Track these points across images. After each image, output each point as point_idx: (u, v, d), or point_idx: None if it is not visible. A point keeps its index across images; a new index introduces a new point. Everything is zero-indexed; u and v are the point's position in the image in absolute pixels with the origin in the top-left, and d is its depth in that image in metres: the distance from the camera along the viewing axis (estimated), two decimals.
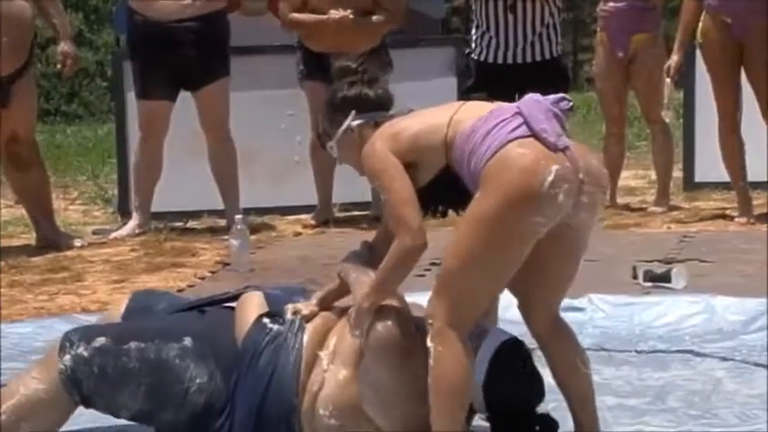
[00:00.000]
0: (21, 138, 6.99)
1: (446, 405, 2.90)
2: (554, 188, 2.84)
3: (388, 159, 3.03)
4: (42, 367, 3.20)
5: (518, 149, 2.88)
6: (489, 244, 2.86)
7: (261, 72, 7.79)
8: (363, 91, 3.29)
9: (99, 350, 3.11)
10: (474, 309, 2.95)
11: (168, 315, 3.38)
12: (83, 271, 6.31)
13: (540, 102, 3.02)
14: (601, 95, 7.87)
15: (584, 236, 3.06)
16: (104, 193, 8.92)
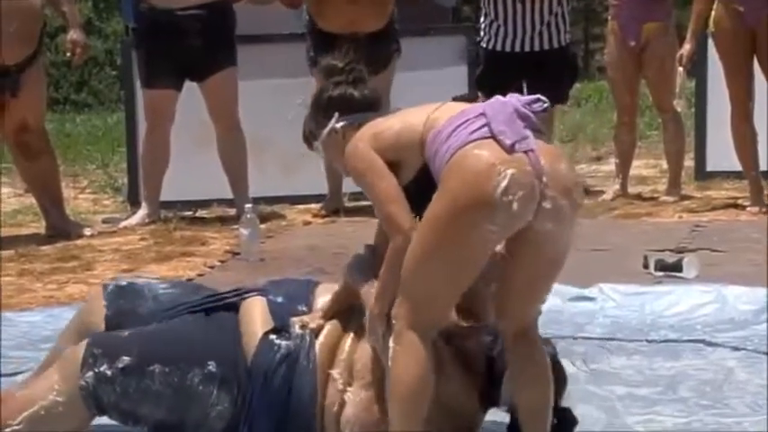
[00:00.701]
0: (30, 126, 7.00)
1: (401, 407, 2.84)
2: (507, 194, 2.72)
3: (372, 158, 3.01)
4: (62, 377, 3.12)
5: (475, 151, 2.78)
6: (441, 247, 2.78)
7: (269, 61, 7.79)
8: (348, 91, 3.24)
9: (123, 370, 3.06)
10: (433, 311, 2.87)
11: (175, 320, 3.29)
12: (92, 260, 6.32)
13: (507, 103, 2.89)
14: (612, 84, 7.86)
15: (556, 248, 2.85)
16: (114, 182, 8.93)
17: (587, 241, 6.14)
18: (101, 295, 3.44)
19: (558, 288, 4.90)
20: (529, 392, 2.95)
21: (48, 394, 3.07)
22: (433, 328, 2.88)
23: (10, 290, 5.70)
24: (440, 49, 8.11)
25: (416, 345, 2.82)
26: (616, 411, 3.61)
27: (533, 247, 2.82)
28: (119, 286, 3.45)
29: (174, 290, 3.45)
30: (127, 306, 3.37)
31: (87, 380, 3.07)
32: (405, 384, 2.83)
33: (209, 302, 3.32)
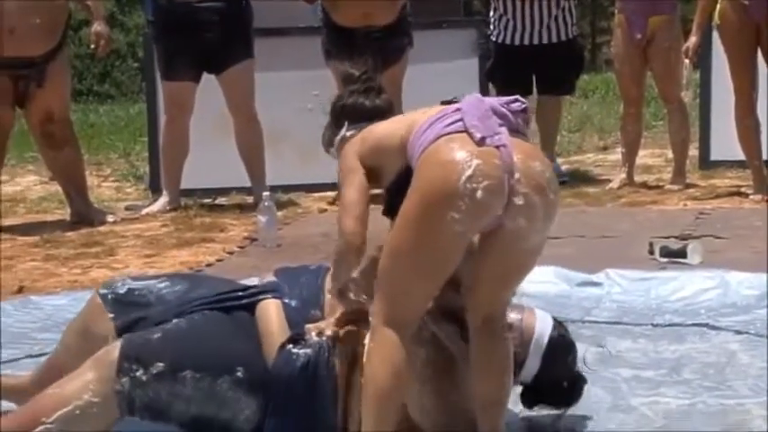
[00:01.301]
0: (55, 117, 7.02)
1: (372, 403, 2.79)
2: (472, 183, 2.66)
3: (350, 165, 3.02)
4: (97, 380, 3.05)
5: (445, 144, 2.74)
6: (411, 242, 2.74)
7: (286, 53, 7.79)
8: (359, 101, 3.22)
9: (156, 376, 3.03)
10: (409, 307, 2.80)
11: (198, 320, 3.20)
12: (115, 245, 6.33)
13: (483, 101, 2.85)
14: (619, 76, 7.84)
15: (528, 244, 2.78)
16: (136, 170, 8.95)
17: (594, 228, 6.16)
18: (101, 305, 3.33)
19: (565, 273, 4.97)
20: (487, 385, 2.88)
21: (83, 395, 3.02)
22: (408, 325, 2.80)
23: (36, 274, 5.72)
24: (451, 42, 8.10)
25: (390, 342, 2.76)
26: (622, 393, 3.61)
27: (504, 242, 2.75)
28: (117, 294, 3.34)
29: (175, 287, 3.36)
30: (134, 313, 3.29)
31: (123, 384, 3.03)
32: (376, 381, 2.77)
33: (225, 300, 3.25)
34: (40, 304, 4.90)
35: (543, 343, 3.19)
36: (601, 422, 3.37)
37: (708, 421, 3.32)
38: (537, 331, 3.20)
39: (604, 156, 9.13)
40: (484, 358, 2.87)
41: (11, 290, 5.36)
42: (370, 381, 2.78)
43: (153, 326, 3.20)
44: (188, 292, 3.31)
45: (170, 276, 3.47)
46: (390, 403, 2.78)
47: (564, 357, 3.26)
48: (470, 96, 2.89)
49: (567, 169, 8.28)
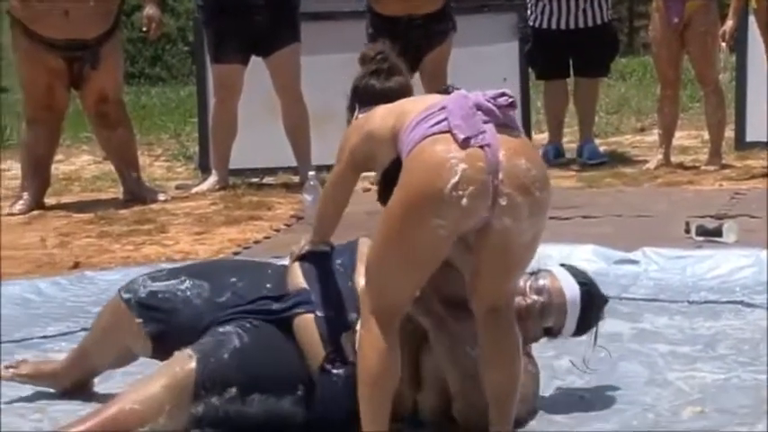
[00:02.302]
0: (109, 98, 7.05)
1: (365, 388, 2.75)
2: (457, 190, 2.59)
3: (343, 154, 3.01)
4: (174, 404, 2.96)
5: (430, 146, 2.65)
6: (394, 239, 2.69)
7: (332, 37, 7.78)
8: (370, 83, 3.17)
9: (228, 400, 2.99)
10: (395, 298, 2.75)
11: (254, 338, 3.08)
12: (166, 223, 6.36)
13: (467, 98, 2.72)
14: (656, 60, 7.79)
15: (518, 241, 2.70)
16: (186, 150, 8.98)
17: (632, 208, 6.14)
18: (126, 310, 3.24)
19: (604, 251, 4.96)
20: (495, 375, 2.82)
21: (159, 418, 2.93)
22: (395, 314, 2.76)
23: (90, 250, 5.76)
24: (493, 26, 8.07)
25: (378, 331, 2.72)
26: (658, 368, 3.60)
27: (495, 239, 2.68)
28: (140, 298, 3.24)
29: (199, 288, 3.23)
30: (164, 319, 3.21)
31: (198, 409, 2.98)
32: (367, 368, 2.74)
33: (262, 312, 3.13)
34: (94, 279, 4.94)
35: (578, 306, 3.17)
36: (637, 395, 3.37)
37: (742, 395, 3.31)
38: (567, 296, 3.16)
39: (642, 137, 9.09)
40: (491, 349, 2.81)
41: (67, 265, 5.40)
42: (362, 367, 2.75)
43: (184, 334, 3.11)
44: (213, 294, 3.20)
45: (186, 273, 3.30)
46: (383, 387, 2.74)
47: (597, 309, 3.25)
48: (455, 94, 2.78)
49: (605, 150, 8.26)
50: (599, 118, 8.96)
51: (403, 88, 3.13)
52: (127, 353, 3.34)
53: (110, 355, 3.36)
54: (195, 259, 5.26)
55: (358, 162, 2.99)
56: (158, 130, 10.22)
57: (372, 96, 3.11)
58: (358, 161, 2.98)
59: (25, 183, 7.02)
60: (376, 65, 3.19)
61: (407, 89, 3.15)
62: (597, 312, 3.26)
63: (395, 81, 3.16)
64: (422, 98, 2.89)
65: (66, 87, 6.96)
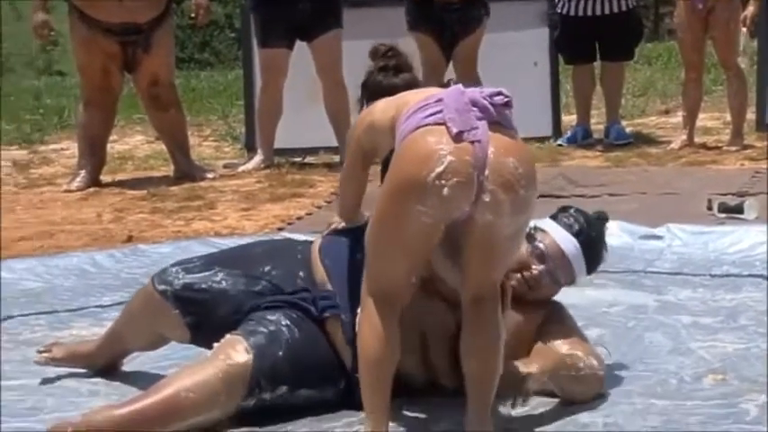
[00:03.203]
0: (161, 81, 7.08)
1: (365, 368, 2.70)
2: (440, 179, 2.52)
3: (350, 149, 2.99)
4: (228, 397, 2.89)
5: (422, 136, 2.58)
6: (383, 224, 2.64)
7: (372, 23, 7.76)
8: (377, 78, 3.11)
9: (279, 396, 2.94)
10: (390, 283, 2.68)
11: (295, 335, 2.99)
12: (215, 200, 6.38)
13: (464, 92, 2.65)
14: (681, 44, 7.75)
15: (501, 235, 2.62)
16: (233, 131, 9.00)
17: (657, 186, 6.12)
18: (162, 301, 3.14)
19: (629, 227, 4.94)
20: (475, 362, 2.72)
21: (213, 409, 2.87)
22: (393, 297, 2.68)
23: (143, 225, 5.79)
24: (524, 13, 8.03)
25: (376, 314, 2.66)
26: (682, 338, 3.59)
27: (477, 234, 2.61)
28: (176, 290, 3.13)
29: (232, 278, 3.13)
30: (201, 311, 3.11)
31: (249, 402, 2.93)
32: (366, 351, 2.68)
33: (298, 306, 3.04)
34: (147, 252, 4.97)
35: (580, 257, 3.10)
36: (661, 364, 3.35)
37: (761, 364, 3.29)
38: (567, 253, 3.08)
39: (666, 119, 9.04)
40: (473, 337, 2.72)
41: (121, 239, 5.44)
42: (362, 348, 2.69)
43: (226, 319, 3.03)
44: (249, 284, 3.11)
45: (219, 263, 3.20)
46: (382, 369, 2.68)
47: (599, 244, 3.17)
48: (453, 88, 2.70)
49: (632, 131, 8.22)
50: (625, 100, 8.92)
51: (409, 85, 3.04)
52: (160, 339, 3.27)
53: (144, 340, 3.29)
54: (242, 234, 5.29)
55: (366, 152, 2.95)
56: (207, 111, 10.25)
57: (379, 91, 3.05)
58: (366, 151, 2.94)
59: (82, 161, 7.06)
60: (384, 61, 3.13)
61: (414, 86, 3.05)
62: (601, 246, 3.18)
63: (401, 78, 3.09)
64: (421, 90, 2.82)
65: (120, 71, 6.99)
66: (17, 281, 4.58)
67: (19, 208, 6.41)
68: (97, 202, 6.46)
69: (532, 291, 3.09)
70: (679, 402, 3.02)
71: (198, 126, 9.35)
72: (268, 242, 3.38)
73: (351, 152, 3.04)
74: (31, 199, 6.66)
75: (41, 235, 5.60)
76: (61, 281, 4.61)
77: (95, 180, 6.99)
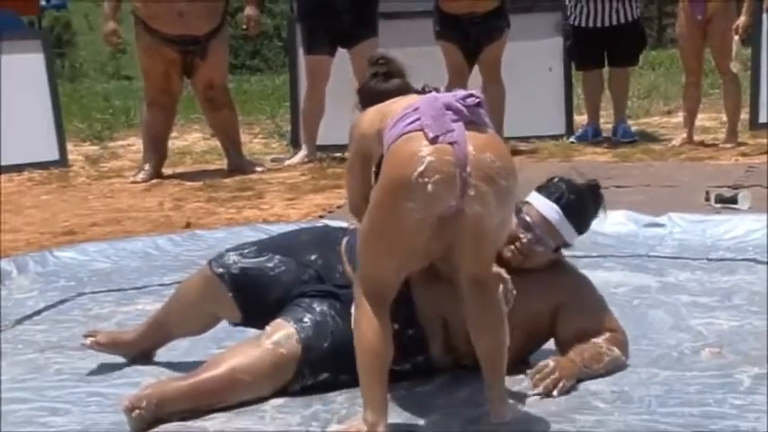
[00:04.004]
0: (216, 84, 7.09)
1: (362, 364, 2.63)
2: (423, 177, 2.47)
3: (350, 151, 2.93)
4: (276, 380, 2.89)
5: (404, 142, 2.54)
6: (374, 223, 2.59)
7: (404, 33, 7.75)
8: (369, 84, 3.02)
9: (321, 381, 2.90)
10: (382, 280, 2.62)
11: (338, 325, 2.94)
12: (263, 190, 6.39)
13: (437, 99, 2.59)
14: (682, 52, 7.69)
15: (489, 224, 2.56)
16: (280, 129, 9.01)
17: (659, 179, 6.07)
18: (219, 283, 3.07)
19: (634, 216, 4.91)
20: (484, 339, 2.67)
21: (262, 390, 2.86)
22: (386, 293, 2.63)
23: (200, 213, 5.80)
24: (541, 24, 8.00)
25: (370, 309, 2.60)
26: (681, 315, 3.56)
27: (468, 225, 2.55)
28: (233, 274, 3.07)
29: (285, 266, 3.07)
30: (255, 295, 3.05)
31: (294, 386, 2.91)
32: (363, 344, 2.62)
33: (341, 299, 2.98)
34: (203, 237, 4.98)
35: (563, 219, 3.02)
36: (663, 339, 3.33)
37: (754, 339, 3.26)
38: (549, 217, 3.01)
39: (668, 119, 8.98)
40: (476, 317, 2.67)
41: (180, 225, 5.45)
42: (359, 343, 2.63)
43: (275, 303, 3.00)
44: (299, 273, 3.06)
45: (272, 249, 3.12)
46: (379, 360, 2.61)
47: (586, 203, 3.07)
48: (428, 96, 2.64)
49: (637, 130, 8.16)
50: (631, 102, 8.86)
51: (399, 89, 2.94)
52: (210, 322, 3.18)
53: (194, 324, 3.19)
54: (287, 221, 5.29)
55: (363, 156, 2.89)
56: (257, 112, 10.26)
57: (371, 97, 2.97)
58: (363, 155, 2.89)
59: (146, 156, 7.09)
60: (376, 68, 3.06)
61: (404, 90, 2.97)
62: (588, 207, 3.08)
63: (391, 83, 2.98)
64: (402, 99, 2.75)
65: (179, 75, 7.00)
66: (89, 262, 4.60)
67: (91, 197, 6.44)
68: (159, 193, 6.49)
69: (528, 259, 3.02)
70: (679, 373, 3.00)
71: (249, 125, 9.36)
72: (312, 230, 3.31)
73: (350, 154, 2.99)
74: (101, 189, 6.69)
75: (110, 221, 5.63)
76: (127, 262, 4.63)
77: (158, 173, 7.01)
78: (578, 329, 3.03)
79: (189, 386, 2.82)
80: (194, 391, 2.81)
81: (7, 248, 4.98)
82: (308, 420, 2.76)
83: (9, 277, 4.33)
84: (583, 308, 3.07)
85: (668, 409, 2.75)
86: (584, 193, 3.09)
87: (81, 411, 2.89)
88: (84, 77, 18.75)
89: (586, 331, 3.03)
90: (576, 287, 3.10)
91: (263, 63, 22.49)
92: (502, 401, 2.69)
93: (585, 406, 2.80)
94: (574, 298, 3.07)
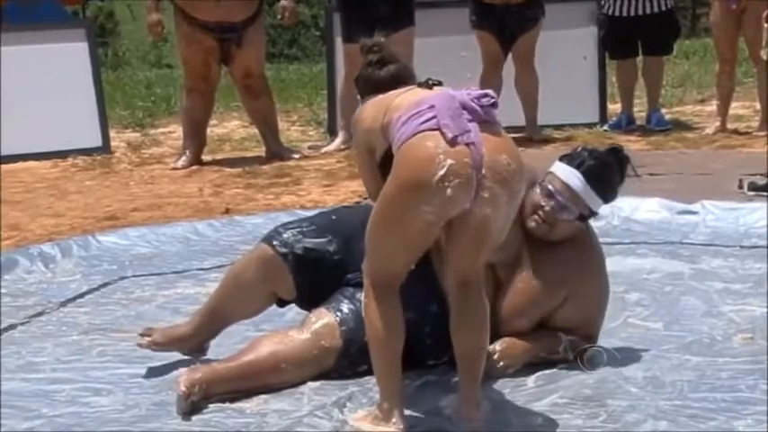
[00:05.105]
0: (253, 73, 7.10)
1: (374, 352, 2.62)
2: (443, 182, 2.42)
3: (355, 143, 2.87)
4: (317, 368, 2.90)
5: (421, 141, 2.47)
6: (388, 221, 2.53)
7: (441, 22, 7.74)
8: (365, 73, 2.94)
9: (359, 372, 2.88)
10: (387, 272, 2.59)
11: None
12: (301, 177, 6.39)
13: (454, 98, 2.53)
14: (716, 41, 7.63)
15: (494, 225, 2.52)
16: (317, 117, 9.01)
17: (692, 167, 6.03)
18: (281, 263, 3.03)
19: (668, 203, 4.89)
20: (464, 337, 2.60)
21: (303, 376, 2.88)
22: (393, 284, 2.59)
23: (238, 199, 5.82)
24: (575, 13, 7.94)
25: (380, 298, 2.58)
26: (714, 301, 3.55)
27: (474, 226, 2.51)
28: (296, 254, 3.03)
29: (341, 252, 3.04)
30: (312, 275, 3.02)
31: (335, 369, 2.91)
32: (374, 333, 2.59)
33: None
34: (242, 223, 5.00)
35: (586, 186, 2.98)
36: (696, 325, 3.32)
37: None
38: (571, 184, 2.98)
39: (702, 107, 8.90)
40: (459, 318, 2.61)
41: (219, 210, 5.47)
42: (370, 332, 2.60)
43: (328, 286, 2.99)
44: (354, 261, 2.97)
45: (331, 231, 3.08)
46: (391, 347, 2.59)
47: (610, 170, 3.03)
48: (443, 94, 2.57)
49: (670, 118, 8.10)
50: (665, 91, 8.80)
51: (394, 76, 2.86)
52: (267, 302, 3.12)
53: (252, 305, 3.12)
54: (324, 207, 5.29)
55: (370, 149, 2.81)
56: (294, 100, 10.27)
57: (368, 85, 2.93)
58: (370, 148, 2.81)
59: (186, 143, 7.11)
60: (370, 56, 3.00)
61: (399, 76, 2.86)
62: (612, 173, 3.04)
63: (386, 70, 2.90)
64: (408, 94, 2.68)
65: (217, 63, 7.02)
66: (130, 247, 4.64)
67: (132, 183, 6.48)
68: (199, 179, 6.51)
69: (553, 228, 2.99)
70: (711, 359, 2.99)
71: (286, 112, 9.37)
72: (358, 213, 3.15)
73: (358, 149, 2.93)
74: (142, 175, 6.73)
75: (151, 207, 5.66)
76: (168, 247, 4.66)
77: (198, 159, 7.03)
78: (563, 324, 3.01)
79: (236, 370, 2.84)
80: (240, 376, 2.84)
81: (52, 232, 5.03)
82: (344, 401, 2.77)
83: (53, 261, 4.37)
84: (580, 309, 3.03)
85: (700, 395, 2.74)
86: (606, 159, 3.05)
87: (123, 392, 2.92)
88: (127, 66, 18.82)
89: (568, 328, 3.01)
90: (587, 280, 3.03)
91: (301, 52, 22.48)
92: (476, 405, 2.62)
93: (618, 390, 2.79)
94: (578, 296, 3.01)
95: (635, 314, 3.44)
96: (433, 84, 2.67)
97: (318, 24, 20.89)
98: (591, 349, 2.97)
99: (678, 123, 8.02)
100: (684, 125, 7.98)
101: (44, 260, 4.35)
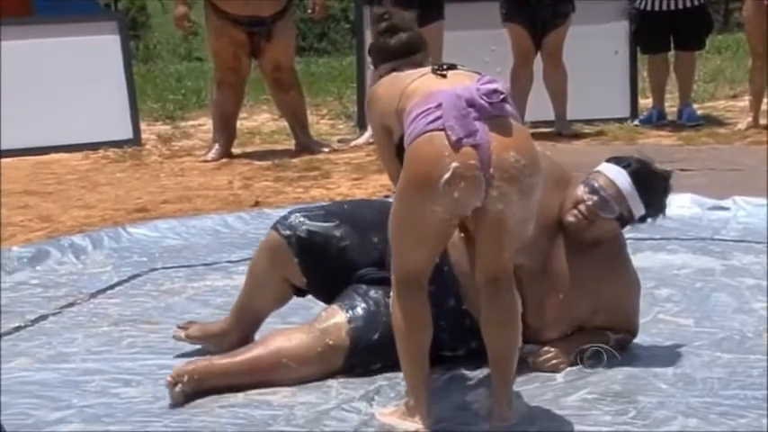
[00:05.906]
0: (283, 66, 7.10)
1: (401, 347, 2.57)
2: (449, 185, 2.41)
3: (372, 127, 2.84)
4: (326, 369, 2.90)
5: (427, 142, 2.45)
6: (402, 218, 2.53)
7: (471, 16, 7.71)
8: (381, 40, 2.92)
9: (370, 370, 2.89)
10: (413, 267, 2.56)
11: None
12: (330, 170, 6.39)
13: (461, 97, 2.48)
14: (748, 36, 7.56)
15: (511, 222, 2.50)
16: (347, 110, 9.00)
17: (724, 162, 5.98)
18: (286, 248, 3.03)
19: (699, 199, 4.85)
20: (496, 336, 2.59)
21: (310, 376, 2.87)
22: (419, 279, 2.57)
23: (268, 191, 5.83)
24: (606, 8, 7.90)
25: (406, 294, 2.57)
26: (745, 298, 3.52)
27: (490, 222, 2.48)
28: (300, 237, 3.02)
29: (349, 238, 3.04)
30: (318, 260, 3.02)
31: (345, 368, 2.91)
32: (401, 328, 2.58)
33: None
34: (271, 215, 4.95)
35: (632, 187, 2.97)
36: (726, 321, 3.30)
37: None
38: (618, 183, 2.97)
39: (734, 103, 8.82)
40: (490, 315, 2.59)
41: (249, 203, 5.48)
42: (397, 327, 2.59)
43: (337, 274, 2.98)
44: (362, 252, 3.02)
45: (339, 217, 3.07)
46: (417, 342, 2.58)
47: (656, 181, 3.04)
48: (450, 92, 2.50)
49: (702, 114, 8.04)
50: (697, 86, 8.73)
51: (405, 44, 2.87)
52: (286, 288, 3.10)
53: (271, 293, 3.11)
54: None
55: (386, 129, 2.80)
56: (324, 93, 10.26)
57: (381, 55, 2.89)
58: (386, 128, 2.80)
59: (216, 135, 7.13)
60: (380, 25, 2.97)
61: (411, 44, 2.87)
62: (658, 184, 3.04)
63: (397, 38, 2.89)
64: (423, 80, 2.62)
65: (247, 56, 7.02)
66: (160, 239, 4.65)
67: (162, 175, 6.50)
68: (228, 171, 6.52)
69: (592, 225, 2.97)
70: (742, 356, 2.97)
71: (316, 106, 9.37)
72: (377, 206, 3.20)
73: (375, 130, 2.93)
74: (172, 168, 6.75)
75: (181, 199, 5.68)
76: (197, 239, 4.68)
77: (227, 152, 7.05)
78: (603, 324, 3.01)
79: (231, 365, 2.86)
80: (236, 370, 2.85)
81: (83, 224, 5.06)
82: (372, 395, 2.76)
83: (84, 252, 4.39)
84: (617, 313, 3.03)
85: (730, 392, 2.72)
86: (654, 170, 3.06)
87: (152, 383, 2.93)
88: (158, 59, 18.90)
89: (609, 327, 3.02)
90: (622, 292, 3.04)
91: (331, 45, 22.49)
92: (508, 404, 2.60)
93: (648, 387, 2.78)
94: (614, 304, 3.02)
95: (665, 310, 3.43)
96: (445, 69, 2.63)
97: (348, 18, 20.89)
98: (590, 349, 2.95)
99: (710, 119, 7.96)
100: (716, 120, 7.92)
101: (75, 251, 4.38)
